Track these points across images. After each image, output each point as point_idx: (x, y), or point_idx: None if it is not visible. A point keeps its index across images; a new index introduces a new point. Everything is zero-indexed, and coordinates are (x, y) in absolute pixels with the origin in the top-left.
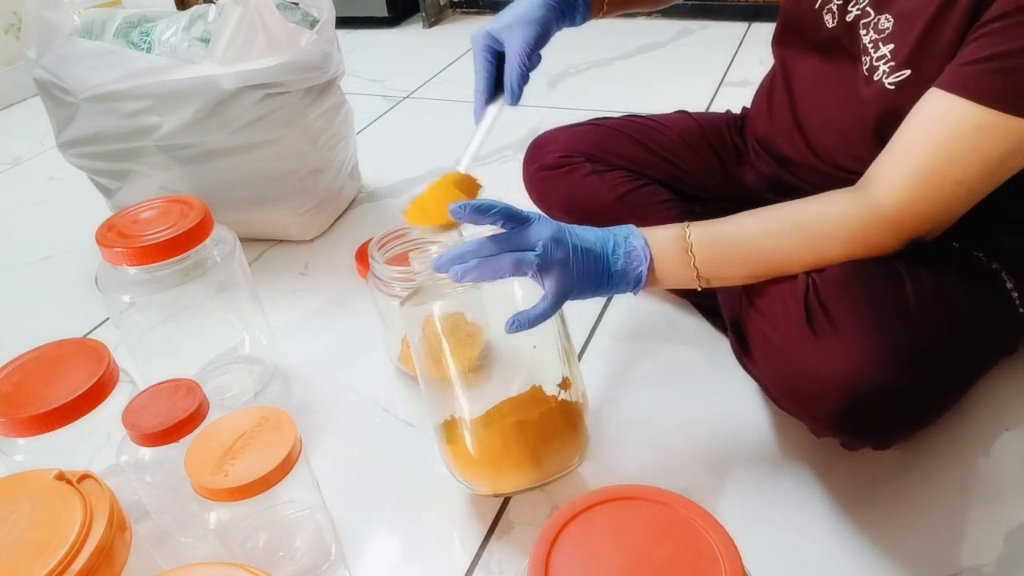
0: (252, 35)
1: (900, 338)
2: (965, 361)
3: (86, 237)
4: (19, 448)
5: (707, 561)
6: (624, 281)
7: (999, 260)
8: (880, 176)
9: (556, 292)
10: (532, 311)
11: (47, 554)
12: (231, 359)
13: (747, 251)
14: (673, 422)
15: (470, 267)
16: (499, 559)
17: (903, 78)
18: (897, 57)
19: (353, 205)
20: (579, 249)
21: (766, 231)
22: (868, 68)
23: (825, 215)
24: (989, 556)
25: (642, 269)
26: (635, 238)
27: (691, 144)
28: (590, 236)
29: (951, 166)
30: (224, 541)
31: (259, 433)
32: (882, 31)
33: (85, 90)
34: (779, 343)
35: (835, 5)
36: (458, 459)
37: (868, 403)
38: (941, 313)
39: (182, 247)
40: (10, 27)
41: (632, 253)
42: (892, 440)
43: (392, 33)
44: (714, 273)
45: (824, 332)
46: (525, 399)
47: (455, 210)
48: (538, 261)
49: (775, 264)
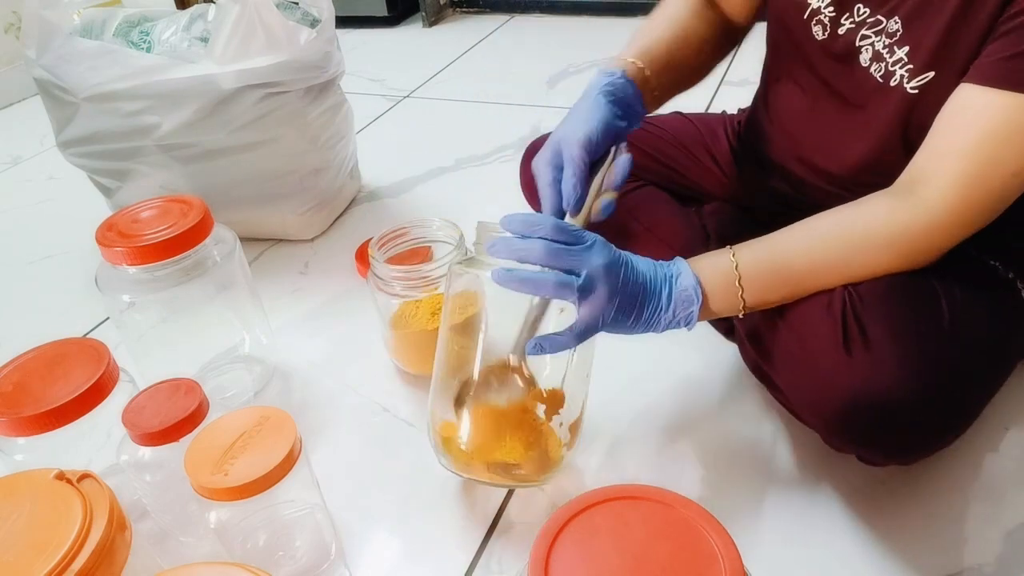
0: (251, 33)
1: (932, 359)
2: (989, 375)
3: (86, 237)
4: (19, 448)
5: (707, 561)
6: (673, 324)
7: (1014, 269)
8: (927, 179)
9: (587, 322)
10: (558, 337)
11: (47, 554)
12: (231, 359)
13: (792, 274)
14: (673, 422)
15: (512, 277)
16: (499, 559)
17: (927, 81)
18: (916, 60)
19: (353, 205)
20: (630, 284)
21: (811, 249)
22: (883, 74)
23: (872, 225)
24: (989, 556)
25: (693, 310)
26: (686, 277)
27: (688, 148)
28: (648, 272)
29: (1004, 160)
30: (224, 541)
31: (259, 433)
32: (893, 35)
33: (85, 90)
34: (810, 358)
35: (826, 17)
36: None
37: (894, 421)
38: (971, 330)
39: (182, 247)
40: (10, 27)
41: (683, 294)
42: (915, 458)
43: (392, 33)
44: (759, 300)
45: (858, 350)
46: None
47: (503, 221)
48: (580, 290)
49: (818, 281)
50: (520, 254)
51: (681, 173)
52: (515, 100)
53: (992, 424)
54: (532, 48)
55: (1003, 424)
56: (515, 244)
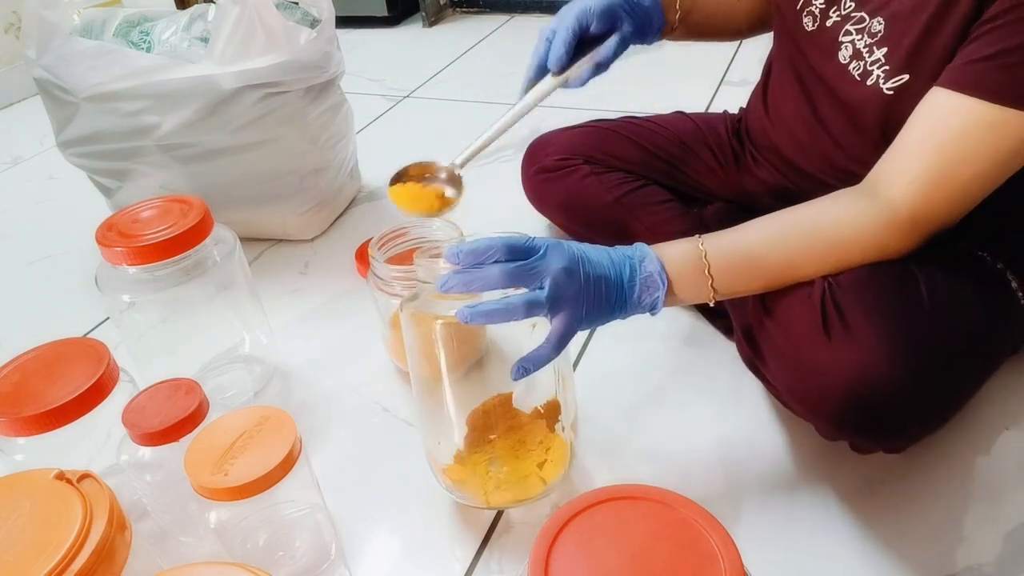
0: (250, 33)
1: (912, 339)
2: (975, 362)
3: (86, 237)
4: (19, 448)
5: (707, 561)
6: (638, 309)
7: (1003, 259)
8: (890, 178)
9: (563, 331)
10: (537, 353)
11: (47, 554)
12: (231, 359)
13: (763, 264)
14: (672, 422)
15: (479, 312)
16: (499, 559)
17: (902, 83)
18: (892, 62)
19: (353, 205)
20: (591, 279)
21: (781, 242)
22: (861, 73)
23: (840, 221)
24: (989, 556)
25: (659, 295)
26: (650, 262)
27: (689, 146)
28: (605, 261)
29: (963, 164)
30: (224, 541)
31: (259, 433)
32: (875, 35)
33: (85, 89)
34: (793, 347)
35: (816, 8)
36: (449, 472)
37: (879, 403)
38: (953, 314)
39: (182, 246)
40: (10, 27)
41: (648, 279)
42: (904, 443)
43: (392, 33)
44: (730, 288)
45: (837, 334)
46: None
47: (450, 255)
48: (549, 302)
49: (792, 274)
50: (478, 285)
51: (682, 171)
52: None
53: (992, 424)
54: (532, 48)
55: (1003, 424)
56: (469, 277)
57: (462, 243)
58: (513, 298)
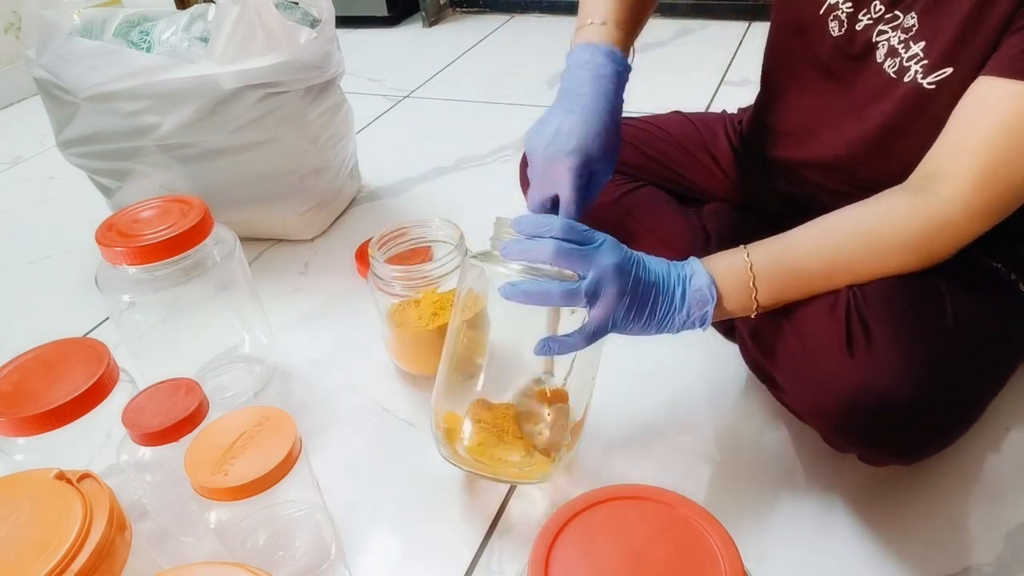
0: (250, 33)
1: (936, 359)
2: (992, 376)
3: (86, 237)
4: (19, 448)
5: (707, 561)
6: (687, 325)
7: (1016, 270)
8: (943, 174)
9: (597, 325)
10: (567, 339)
11: (47, 554)
12: (231, 359)
13: (804, 275)
14: (673, 422)
15: (518, 291)
16: (499, 559)
17: (944, 76)
18: (931, 55)
19: (353, 205)
20: (642, 283)
21: (829, 252)
22: (897, 70)
23: (890, 224)
24: (989, 556)
25: (708, 310)
26: (700, 276)
27: (687, 148)
28: (662, 272)
29: (1021, 152)
30: (224, 541)
31: (259, 433)
32: (909, 29)
33: (85, 90)
34: (813, 358)
35: (843, 13)
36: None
37: (901, 423)
38: (974, 331)
39: (182, 246)
40: (10, 27)
41: (697, 294)
42: (920, 458)
43: (392, 33)
44: (773, 301)
45: (860, 351)
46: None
47: (514, 222)
48: (588, 294)
49: (832, 283)
50: (530, 255)
51: (681, 173)
52: (515, 100)
53: (993, 424)
54: (532, 48)
55: (1004, 424)
56: (525, 246)
57: (528, 214)
58: (552, 284)
